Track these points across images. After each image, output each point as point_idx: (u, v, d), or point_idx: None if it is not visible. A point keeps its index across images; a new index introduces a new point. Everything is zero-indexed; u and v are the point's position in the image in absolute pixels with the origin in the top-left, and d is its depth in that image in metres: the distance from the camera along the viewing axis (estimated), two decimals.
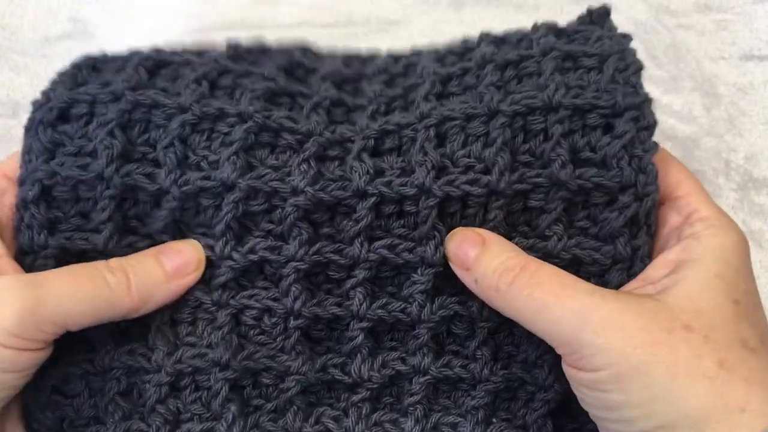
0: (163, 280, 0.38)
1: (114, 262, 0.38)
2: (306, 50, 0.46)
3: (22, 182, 0.40)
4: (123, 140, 0.39)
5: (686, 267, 0.36)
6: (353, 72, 0.44)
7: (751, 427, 0.32)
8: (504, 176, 0.38)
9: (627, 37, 0.42)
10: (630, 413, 0.33)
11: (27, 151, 0.40)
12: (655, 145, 0.39)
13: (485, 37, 0.43)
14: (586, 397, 0.36)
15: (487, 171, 0.38)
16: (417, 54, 0.46)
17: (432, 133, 0.39)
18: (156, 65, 0.40)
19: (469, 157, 0.39)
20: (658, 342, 0.33)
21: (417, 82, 0.41)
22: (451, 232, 0.39)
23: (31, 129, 0.40)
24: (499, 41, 0.43)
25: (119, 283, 0.37)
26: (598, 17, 0.44)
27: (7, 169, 0.41)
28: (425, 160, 0.38)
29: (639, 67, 0.40)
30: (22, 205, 0.39)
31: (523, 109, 0.38)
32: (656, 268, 0.38)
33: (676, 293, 0.35)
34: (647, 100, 0.39)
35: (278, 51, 0.44)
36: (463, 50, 0.43)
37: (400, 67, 0.44)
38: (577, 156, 0.39)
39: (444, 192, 0.38)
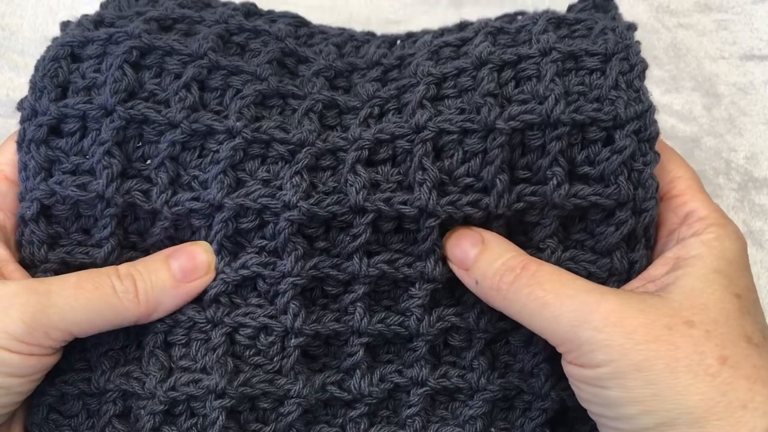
0: (172, 286, 0.38)
1: (123, 268, 0.38)
2: (299, 23, 0.45)
3: (21, 198, 0.39)
4: (121, 158, 0.38)
5: (686, 264, 0.36)
6: (346, 64, 0.43)
7: (752, 425, 0.32)
8: (503, 199, 0.38)
9: (632, 28, 0.40)
10: (630, 410, 0.33)
11: (23, 167, 0.39)
12: (657, 156, 0.38)
13: (482, 28, 0.41)
14: (585, 394, 0.36)
15: (485, 189, 0.38)
16: (412, 40, 0.44)
17: (429, 146, 0.38)
18: (140, 53, 0.39)
19: (468, 175, 0.38)
20: (659, 338, 0.33)
21: (411, 82, 0.40)
22: (450, 231, 0.39)
23: (23, 145, 0.39)
24: (496, 32, 0.41)
25: (127, 291, 0.37)
26: (602, 1, 0.43)
27: (6, 169, 0.40)
28: (425, 179, 0.37)
29: (643, 68, 0.39)
30: (22, 221, 0.39)
31: (520, 125, 0.37)
32: (657, 267, 0.38)
33: (677, 289, 0.35)
34: (651, 108, 0.38)
35: (269, 33, 0.42)
36: (459, 42, 0.41)
37: (393, 59, 0.42)
38: (574, 170, 0.38)
39: (447, 213, 0.38)
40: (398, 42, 0.45)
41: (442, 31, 0.44)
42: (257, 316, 0.39)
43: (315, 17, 0.58)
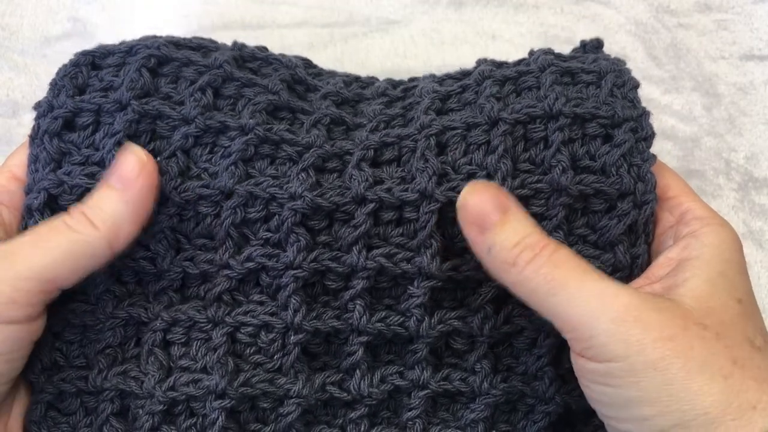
0: (117, 198, 0.36)
1: (70, 209, 0.37)
2: (307, 64, 0.46)
3: (28, 191, 0.40)
4: None
5: (690, 266, 0.36)
6: (353, 94, 0.44)
7: (762, 425, 0.32)
8: (507, 182, 0.38)
9: (622, 61, 0.42)
10: (644, 411, 0.33)
11: (33, 160, 0.40)
12: (653, 156, 0.40)
13: (483, 62, 0.44)
14: (594, 394, 0.35)
15: (488, 178, 0.39)
16: (414, 79, 0.46)
17: (432, 142, 0.39)
18: (158, 62, 0.40)
19: (470, 164, 0.39)
20: (675, 337, 0.33)
21: (416, 100, 0.42)
22: (472, 182, 0.37)
23: (36, 138, 0.40)
24: (497, 65, 0.43)
25: (80, 222, 0.36)
26: (592, 48, 0.44)
27: (16, 169, 0.40)
28: (426, 167, 0.38)
29: (635, 85, 0.41)
30: (27, 212, 0.39)
31: (523, 117, 0.39)
32: (659, 267, 0.38)
33: (686, 292, 0.35)
34: (645, 113, 0.40)
35: (281, 62, 0.44)
36: (461, 76, 0.43)
37: (398, 92, 0.44)
38: (576, 164, 0.39)
39: (447, 198, 0.38)
40: (401, 84, 0.46)
41: (446, 75, 0.46)
42: (258, 314, 0.39)
43: (315, 16, 0.59)
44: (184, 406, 0.39)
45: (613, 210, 0.39)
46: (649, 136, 0.39)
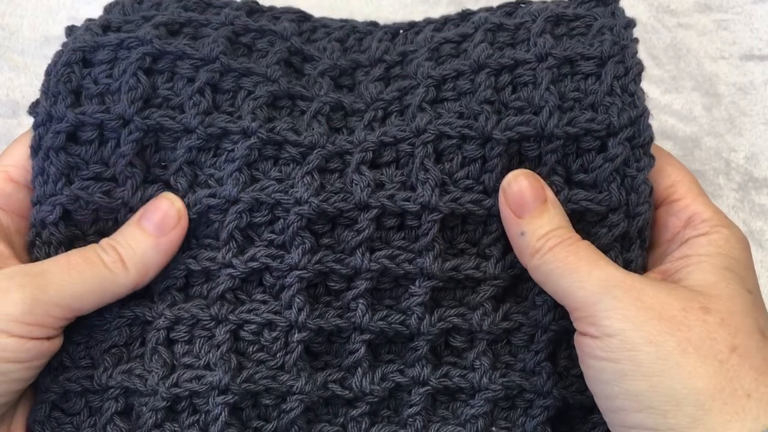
0: (152, 244, 0.38)
1: (104, 242, 0.39)
2: (301, 17, 0.46)
3: (37, 202, 0.40)
4: (142, 167, 0.40)
5: (696, 260, 0.37)
6: (349, 61, 0.43)
7: (755, 415, 0.32)
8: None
9: (630, 26, 0.40)
10: (637, 385, 0.33)
11: (40, 172, 0.40)
12: (651, 161, 0.39)
13: (482, 24, 0.42)
14: (593, 371, 0.36)
15: (485, 191, 0.39)
16: (414, 31, 0.45)
17: (430, 149, 0.39)
18: (152, 58, 0.40)
19: (468, 178, 0.39)
20: (674, 318, 0.34)
21: (411, 84, 0.41)
22: (517, 172, 0.39)
23: (39, 152, 0.40)
24: (495, 29, 0.41)
25: (114, 261, 0.38)
26: None
27: (11, 170, 0.40)
28: (428, 178, 0.39)
29: (639, 70, 0.39)
30: (41, 224, 0.39)
31: (516, 136, 0.39)
32: (666, 265, 0.39)
33: (692, 281, 0.36)
34: (645, 113, 0.39)
35: (275, 33, 0.43)
36: (459, 39, 0.42)
37: (395, 55, 0.43)
38: (570, 178, 0.39)
39: (449, 209, 0.39)
40: (401, 32, 0.46)
41: (445, 20, 0.45)
42: (261, 312, 0.39)
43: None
44: (187, 403, 0.39)
45: (604, 220, 0.39)
46: (646, 143, 0.39)
